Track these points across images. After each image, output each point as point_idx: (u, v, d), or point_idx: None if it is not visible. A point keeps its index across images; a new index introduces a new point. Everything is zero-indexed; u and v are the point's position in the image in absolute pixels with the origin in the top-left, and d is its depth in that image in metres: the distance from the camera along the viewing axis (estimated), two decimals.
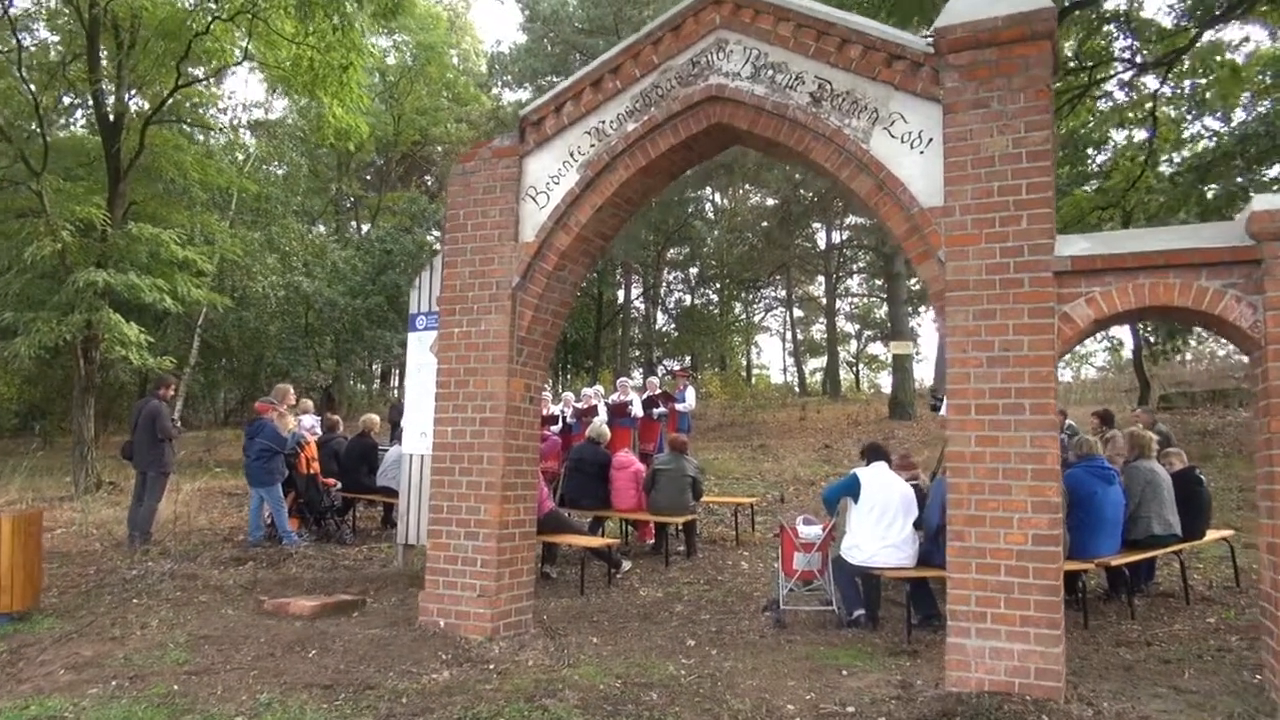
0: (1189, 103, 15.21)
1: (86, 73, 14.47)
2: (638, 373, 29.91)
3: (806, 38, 5.67)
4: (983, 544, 4.87)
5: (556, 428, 12.92)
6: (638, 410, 13.41)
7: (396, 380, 33.66)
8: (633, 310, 36.12)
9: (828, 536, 7.12)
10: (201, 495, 13.08)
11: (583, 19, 26.64)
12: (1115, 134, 16.53)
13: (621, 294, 34.94)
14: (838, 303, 37.03)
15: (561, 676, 5.20)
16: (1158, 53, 13.21)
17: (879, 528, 6.60)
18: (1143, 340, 18.38)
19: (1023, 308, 4.94)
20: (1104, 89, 14.78)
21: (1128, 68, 13.80)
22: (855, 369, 43.47)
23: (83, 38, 14.50)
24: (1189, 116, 15.85)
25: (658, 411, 13.53)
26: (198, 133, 19.83)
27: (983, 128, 5.10)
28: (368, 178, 33.80)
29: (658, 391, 14.10)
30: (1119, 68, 13.96)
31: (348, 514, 10.94)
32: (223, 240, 18.05)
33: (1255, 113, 14.46)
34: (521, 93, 27.80)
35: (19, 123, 15.36)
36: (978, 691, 4.72)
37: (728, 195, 33.14)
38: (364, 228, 31.62)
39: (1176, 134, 15.69)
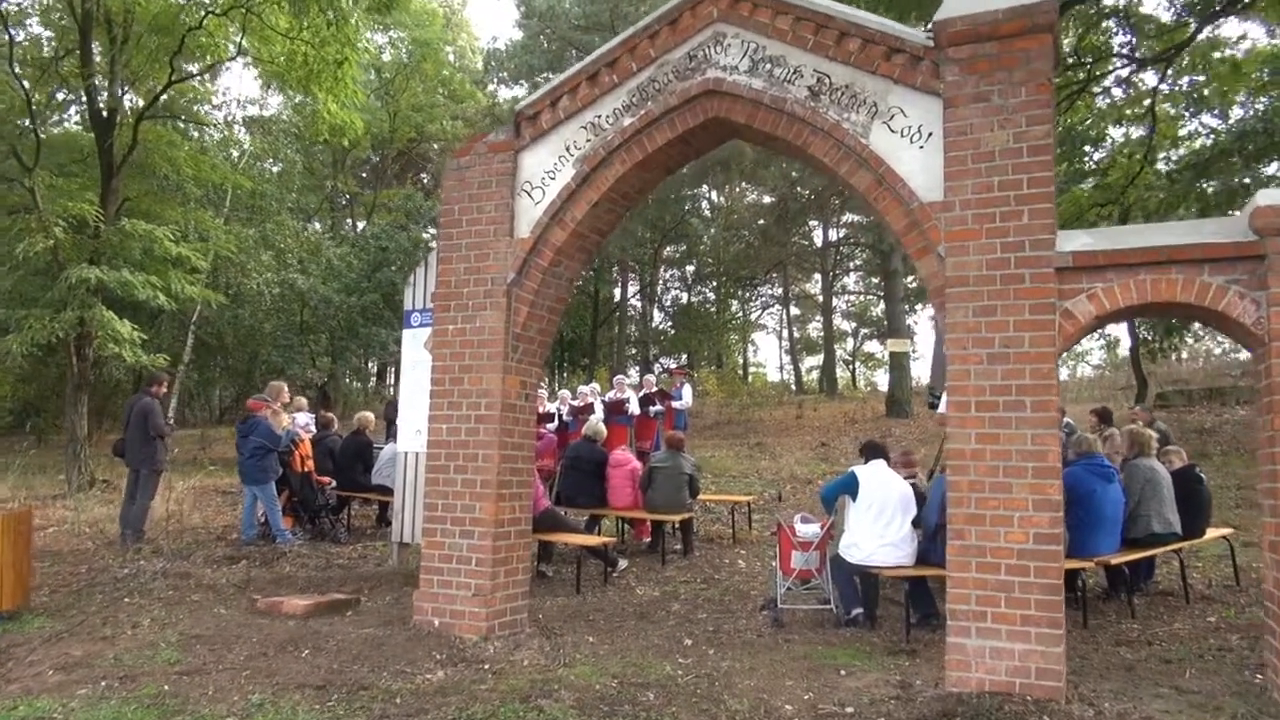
0: (1187, 99, 15.17)
1: (79, 68, 14.38)
2: (634, 370, 29.92)
3: (805, 31, 5.62)
4: (983, 542, 4.83)
5: (553, 425, 12.88)
6: (635, 408, 13.39)
7: (393, 378, 33.55)
8: (629, 308, 36.06)
9: (826, 535, 7.07)
10: (195, 493, 13.00)
11: (579, 15, 26.53)
12: (1113, 131, 16.51)
13: (618, 292, 34.89)
14: (834, 300, 37.05)
15: (557, 676, 5.15)
16: (1156, 49, 13.18)
17: (877, 526, 6.57)
18: (1139, 338, 18.37)
19: (1024, 304, 4.89)
20: (1102, 86, 14.74)
21: (1126, 63, 13.76)
22: (852, 367, 43.50)
23: (75, 33, 14.41)
24: (1187, 114, 15.82)
25: (654, 409, 13.51)
26: (192, 129, 19.73)
27: (983, 122, 5.05)
28: (363, 175, 33.65)
29: (654, 389, 14.06)
30: (1118, 64, 13.92)
31: (342, 512, 10.89)
32: (217, 237, 17.95)
33: (1253, 110, 14.45)
34: (517, 89, 27.67)
35: (11, 119, 15.26)
36: (978, 692, 4.68)
37: (724, 193, 33.08)
38: (359, 225, 31.49)
39: (1174, 132, 15.65)
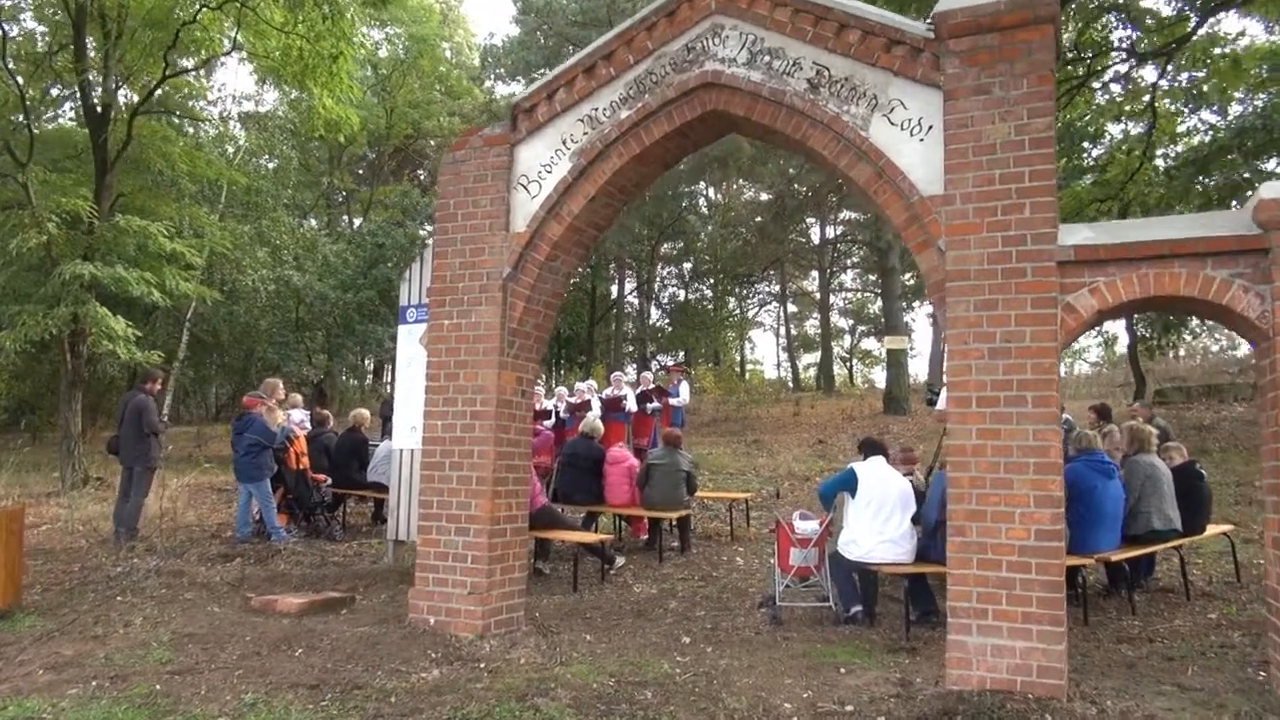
0: (1185, 96, 15.14)
1: (73, 63, 14.25)
2: (631, 368, 29.87)
3: (804, 22, 5.55)
4: (984, 539, 4.78)
5: (550, 422, 12.84)
6: (632, 405, 13.34)
7: (389, 376, 33.49)
8: (626, 305, 36.02)
9: (824, 532, 7.03)
10: (190, 491, 12.92)
11: (576, 11, 26.46)
12: (1111, 128, 16.47)
13: (615, 289, 34.85)
14: (832, 298, 37.01)
15: (554, 675, 5.09)
16: (1157, 42, 13.14)
17: (876, 522, 6.52)
18: (1137, 335, 18.34)
19: (1025, 298, 4.84)
20: (1101, 81, 14.70)
21: (1126, 58, 13.71)
22: (849, 364, 43.47)
23: (69, 27, 14.29)
24: (1185, 110, 15.78)
25: (652, 406, 13.46)
26: (187, 124, 19.63)
27: (984, 114, 4.99)
28: (360, 172, 33.55)
29: (652, 386, 14.01)
30: (1117, 58, 13.87)
31: (337, 510, 10.84)
32: (212, 233, 17.84)
33: (1252, 106, 14.41)
34: (514, 86, 27.63)
35: (5, 114, 15.14)
36: (979, 690, 4.63)
37: (722, 190, 33.03)
38: (356, 222, 31.39)
39: (1173, 128, 15.62)
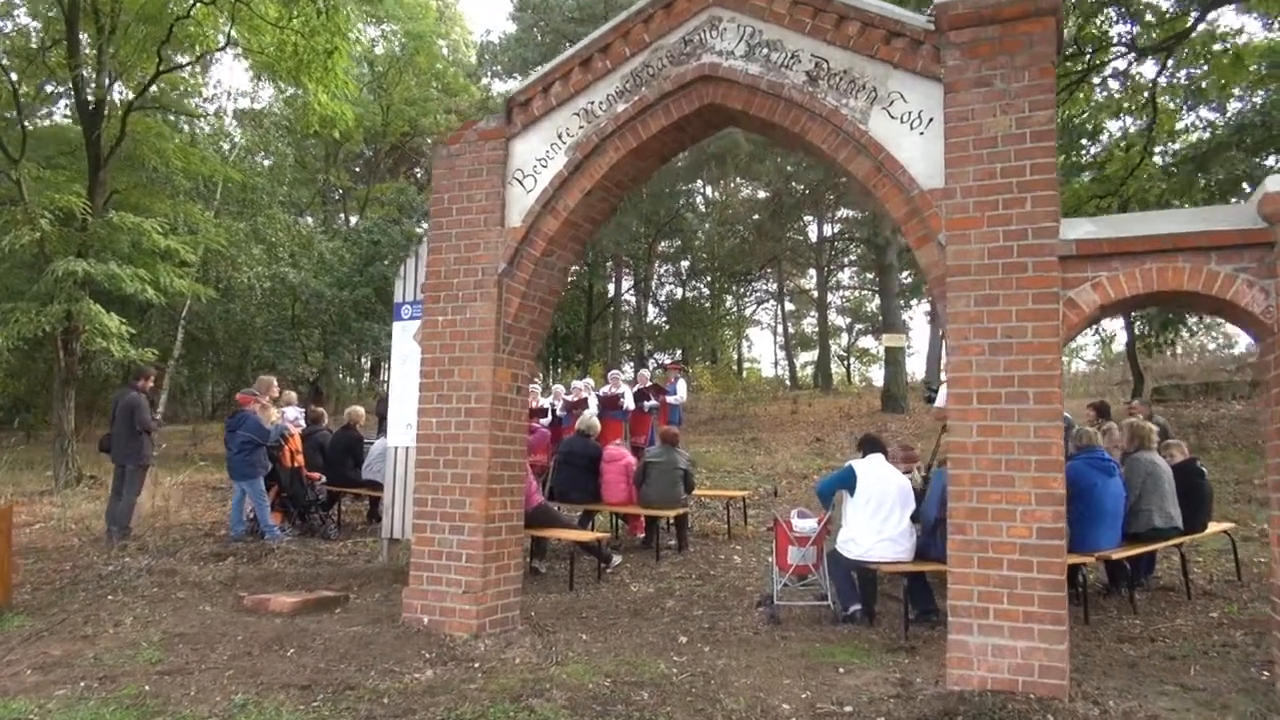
0: (1184, 92, 15.09)
1: (67, 59, 14.17)
2: (629, 366, 29.81)
3: (803, 14, 5.49)
4: (985, 537, 4.72)
5: (546, 420, 12.76)
6: (629, 403, 13.27)
7: (385, 373, 33.39)
8: (623, 303, 35.95)
9: (823, 530, 6.96)
10: (184, 489, 12.84)
11: (573, 7, 26.34)
12: (1110, 125, 16.43)
13: (612, 287, 34.78)
14: (829, 296, 36.98)
15: (549, 675, 5.03)
16: (1157, 37, 13.08)
17: (875, 521, 6.46)
18: (1135, 332, 18.29)
19: (1026, 293, 4.78)
20: (1101, 76, 14.64)
21: (1126, 52, 13.65)
22: (847, 362, 43.45)
23: (62, 23, 14.23)
24: (1184, 107, 15.73)
25: (649, 404, 13.39)
26: (182, 121, 19.52)
27: (985, 107, 4.93)
28: (356, 169, 33.42)
29: (649, 384, 13.94)
30: (1116, 53, 13.81)
31: (332, 508, 10.76)
32: (207, 230, 17.74)
33: (1251, 103, 14.36)
34: (511, 83, 27.45)
35: None
36: (980, 690, 4.57)
37: (719, 188, 32.94)
38: (352, 219, 31.28)
39: (1172, 124, 15.57)
